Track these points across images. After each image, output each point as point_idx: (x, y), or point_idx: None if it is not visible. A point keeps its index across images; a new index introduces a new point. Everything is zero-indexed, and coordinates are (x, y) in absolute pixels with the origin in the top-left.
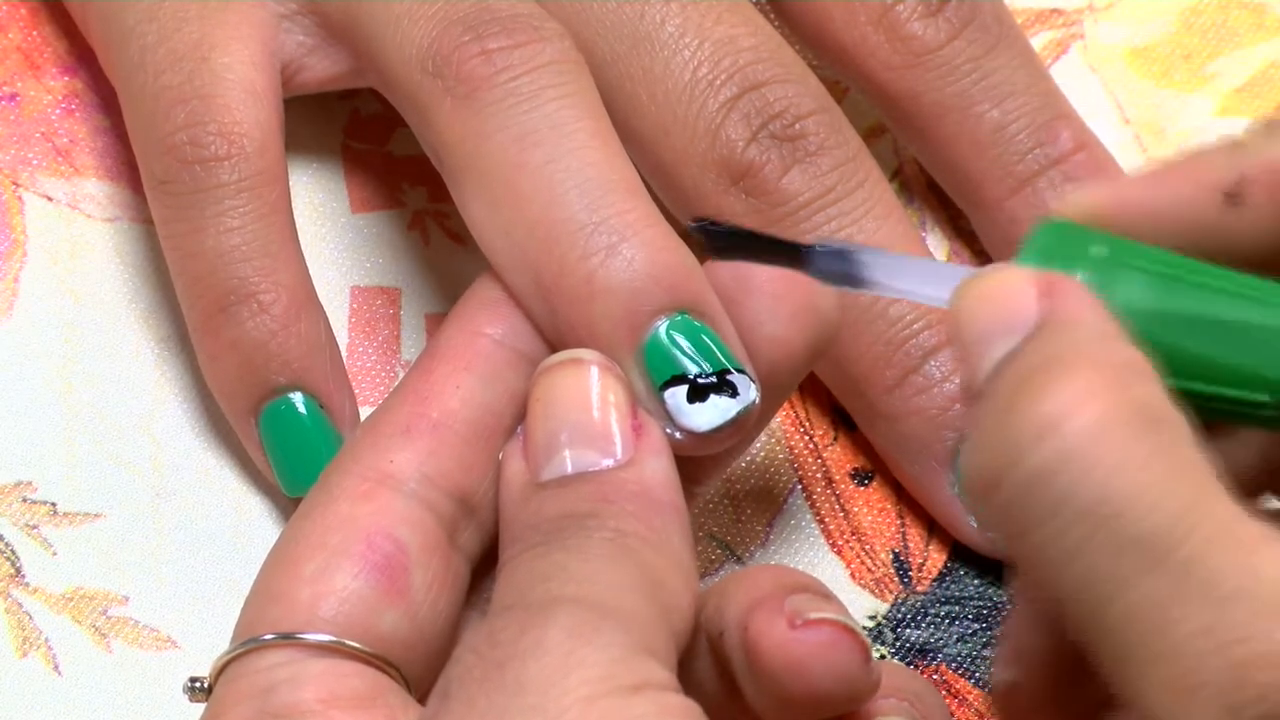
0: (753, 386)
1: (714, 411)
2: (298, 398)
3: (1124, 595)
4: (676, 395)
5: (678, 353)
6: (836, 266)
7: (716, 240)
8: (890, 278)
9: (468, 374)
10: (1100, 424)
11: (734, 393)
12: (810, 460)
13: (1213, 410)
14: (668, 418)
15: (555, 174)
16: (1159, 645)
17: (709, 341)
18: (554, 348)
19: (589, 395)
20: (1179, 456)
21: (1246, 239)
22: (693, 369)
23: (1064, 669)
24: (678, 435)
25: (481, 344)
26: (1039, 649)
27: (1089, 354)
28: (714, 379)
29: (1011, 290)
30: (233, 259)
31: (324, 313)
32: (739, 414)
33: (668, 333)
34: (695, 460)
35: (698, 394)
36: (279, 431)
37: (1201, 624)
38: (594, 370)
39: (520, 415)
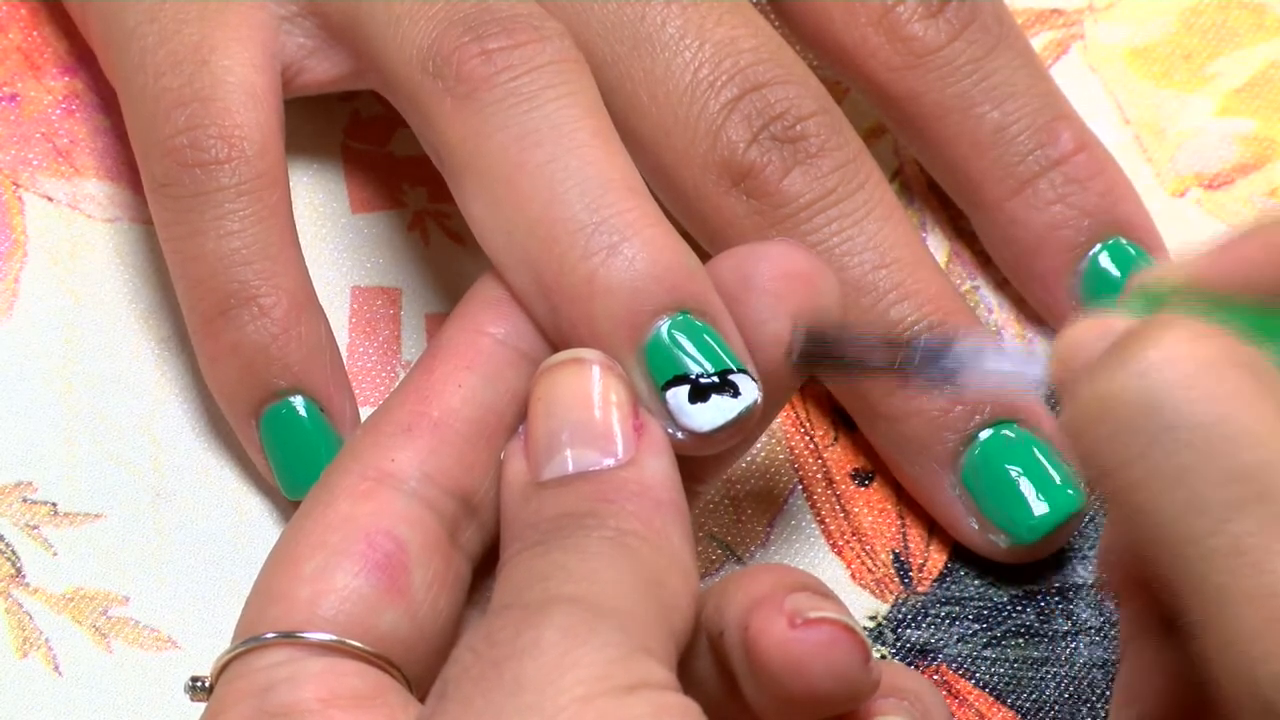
0: (755, 386)
1: (716, 411)
2: (298, 401)
3: (1226, 527)
4: (678, 395)
5: (679, 352)
6: (937, 364)
7: (810, 342)
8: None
9: (469, 373)
10: (1211, 359)
11: (736, 392)
12: (811, 460)
13: None
14: (669, 417)
15: (556, 173)
16: (1257, 582)
17: (711, 341)
18: (555, 347)
19: (590, 394)
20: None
21: None
22: (694, 369)
23: (1185, 708)
24: (679, 435)
25: (483, 343)
26: (1158, 689)
27: (1202, 323)
28: (716, 379)
29: (1117, 321)
30: (233, 262)
31: (324, 315)
32: (741, 414)
33: (669, 332)
34: (697, 460)
35: (699, 394)
36: (279, 434)
37: None
38: (596, 369)
39: (522, 414)
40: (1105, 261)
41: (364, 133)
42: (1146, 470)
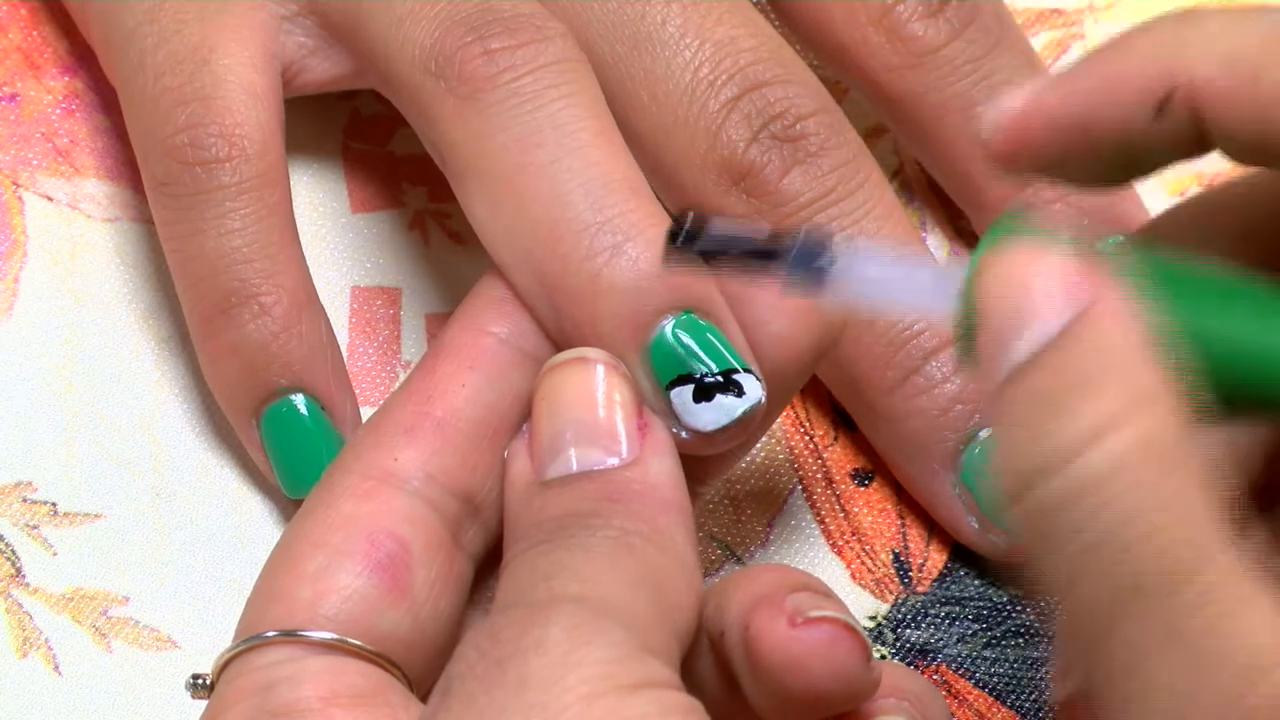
0: (759, 386)
1: (720, 411)
2: (299, 399)
3: (1131, 623)
4: (682, 395)
5: (683, 352)
6: (810, 264)
7: (687, 235)
8: (869, 271)
9: (473, 373)
10: (1134, 450)
11: (740, 392)
12: (811, 461)
13: (1235, 397)
14: (673, 417)
15: (559, 174)
16: (1155, 678)
17: (714, 340)
18: (559, 347)
19: (594, 394)
20: (1194, 499)
21: (1164, 146)
22: (698, 368)
23: None
24: (683, 435)
25: (486, 343)
26: None
27: (1118, 372)
28: (720, 378)
29: (1039, 280)
30: (233, 261)
31: (325, 314)
32: (745, 413)
33: (673, 332)
34: (699, 459)
35: (703, 393)
36: (280, 433)
37: (1201, 662)
38: (600, 369)
39: (525, 414)
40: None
41: (364, 132)
42: (1058, 562)
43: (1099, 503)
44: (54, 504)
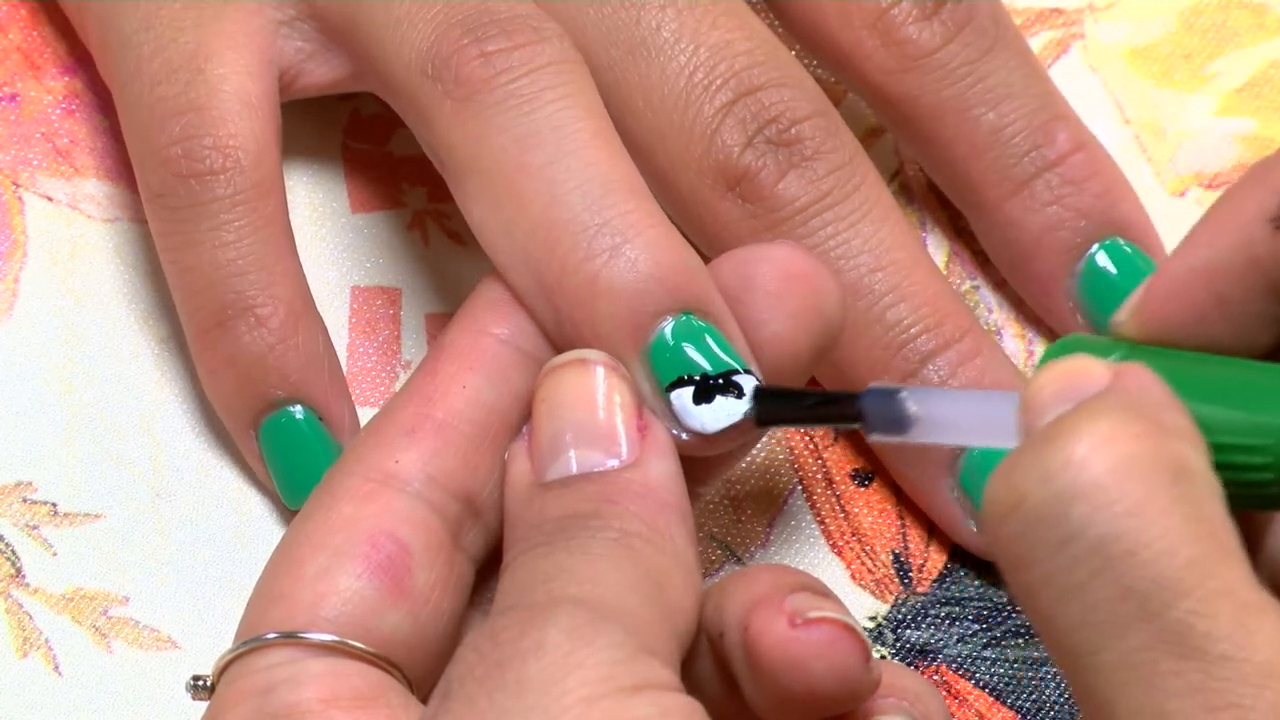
0: (759, 387)
1: (720, 412)
2: (297, 410)
3: (1117, 643)
4: (682, 396)
5: (683, 353)
6: (886, 411)
7: (766, 404)
8: (940, 412)
9: (473, 374)
10: (1128, 463)
11: (740, 393)
12: (810, 461)
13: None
14: (673, 418)
15: (557, 175)
16: (1143, 699)
17: (713, 342)
18: (559, 348)
19: (594, 395)
20: (1200, 511)
21: None
22: (698, 370)
23: None
24: (683, 436)
25: (487, 344)
26: None
27: (1137, 407)
28: (720, 380)
29: (1084, 368)
30: (229, 273)
31: (322, 324)
32: (745, 414)
33: (673, 333)
34: (699, 461)
35: (703, 395)
36: (279, 444)
37: (1191, 683)
38: (600, 370)
39: (525, 415)
40: (1103, 260)
41: (364, 132)
42: (1045, 577)
43: (1101, 503)
44: (54, 504)
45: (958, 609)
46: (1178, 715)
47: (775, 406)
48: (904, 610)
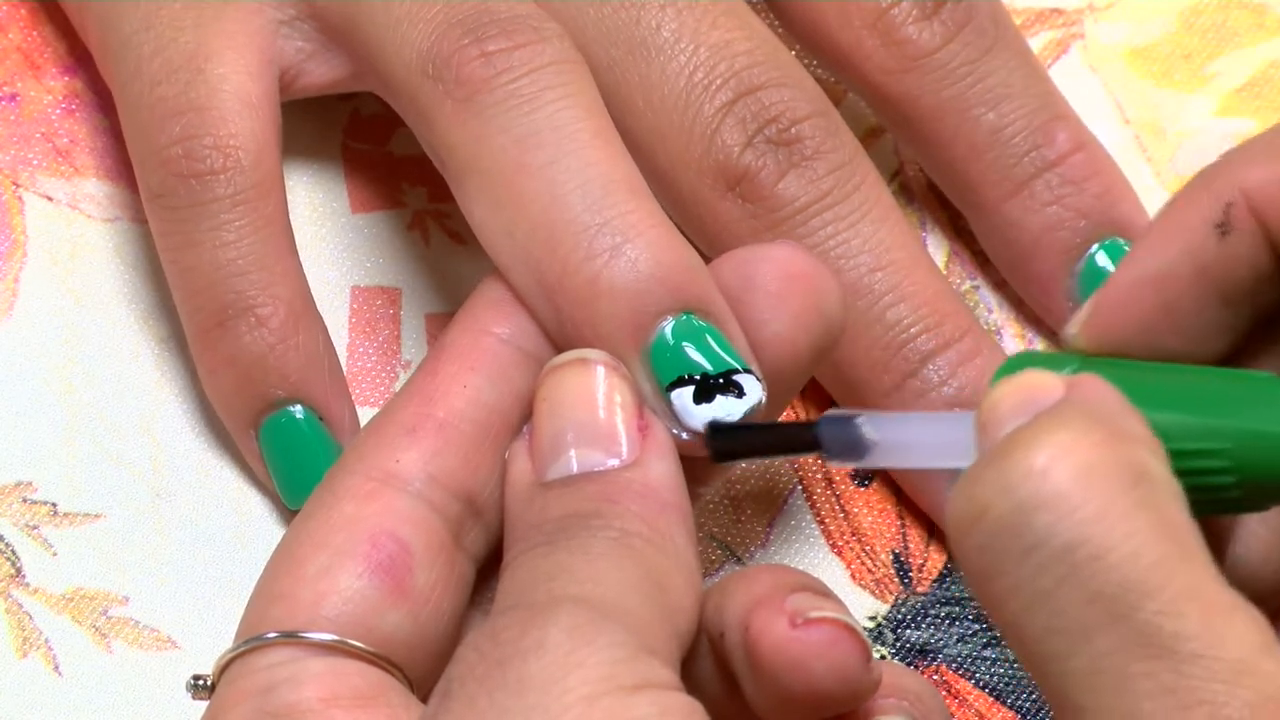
0: (759, 386)
1: (720, 412)
2: (297, 410)
3: (1087, 647)
4: (683, 396)
5: (683, 353)
6: (842, 436)
7: (722, 439)
8: (897, 436)
9: (474, 374)
10: (1088, 470)
11: (740, 393)
12: (810, 461)
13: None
14: (674, 418)
15: (557, 175)
16: (1115, 702)
17: (714, 342)
18: (560, 348)
19: (595, 395)
20: (1163, 514)
21: (1245, 264)
22: (699, 370)
23: None
24: (684, 436)
25: (488, 343)
26: None
27: (1094, 415)
28: (720, 379)
29: (1039, 382)
30: (229, 273)
31: (322, 323)
32: (746, 414)
33: (673, 333)
34: (700, 461)
35: (704, 394)
36: (279, 444)
37: (1162, 684)
38: (600, 370)
39: (526, 415)
40: (1103, 260)
41: (364, 132)
42: (1011, 586)
43: (1064, 511)
44: (54, 504)
45: (958, 609)
46: (1151, 716)
47: (731, 441)
48: (904, 610)
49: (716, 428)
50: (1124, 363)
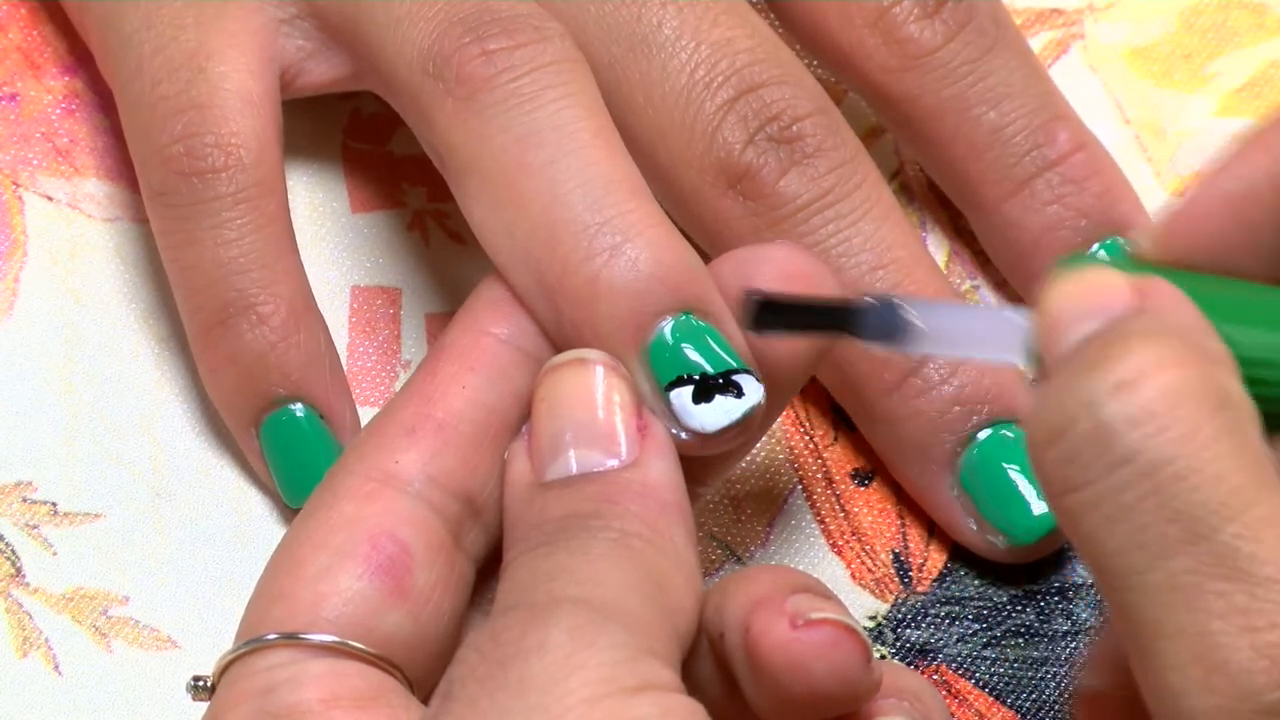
0: (758, 386)
1: (719, 412)
2: (298, 408)
3: (1164, 563)
4: (682, 396)
5: (682, 353)
6: (886, 320)
7: (764, 311)
8: (941, 324)
9: (473, 374)
10: (1177, 391)
11: (739, 393)
12: (810, 460)
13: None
14: (673, 418)
15: (557, 174)
16: (1187, 619)
17: (713, 342)
18: (559, 348)
19: (594, 395)
20: (1245, 440)
21: None
22: (698, 370)
23: None
24: (683, 436)
25: (487, 344)
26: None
27: (1176, 332)
28: (719, 379)
29: (1106, 282)
30: (230, 271)
31: (323, 322)
32: (745, 414)
33: (673, 333)
34: (699, 461)
35: (703, 394)
36: (280, 442)
37: (1235, 604)
38: (599, 370)
39: (525, 415)
40: (1103, 260)
41: (364, 132)
42: (1093, 499)
43: (1154, 429)
44: (54, 504)
45: (958, 608)
46: (1220, 635)
47: (771, 315)
48: (904, 610)
49: (756, 296)
50: (1183, 272)
